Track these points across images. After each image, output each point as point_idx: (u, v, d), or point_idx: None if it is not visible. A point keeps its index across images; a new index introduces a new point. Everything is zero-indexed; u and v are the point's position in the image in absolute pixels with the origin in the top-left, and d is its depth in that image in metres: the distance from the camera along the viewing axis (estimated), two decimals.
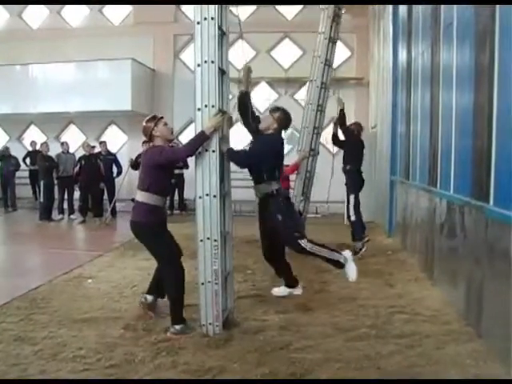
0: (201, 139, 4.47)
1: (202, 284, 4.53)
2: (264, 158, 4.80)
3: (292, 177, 8.45)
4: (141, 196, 4.69)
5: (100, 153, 12.94)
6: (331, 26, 8.27)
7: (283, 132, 5.19)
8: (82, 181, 12.37)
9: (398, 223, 9.45)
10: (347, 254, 4.61)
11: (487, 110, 4.32)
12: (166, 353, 4.09)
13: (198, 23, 4.40)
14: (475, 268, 4.58)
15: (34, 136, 15.64)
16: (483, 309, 4.37)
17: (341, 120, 8.23)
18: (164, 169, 4.72)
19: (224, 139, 4.61)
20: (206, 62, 4.38)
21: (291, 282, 5.39)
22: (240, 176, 6.62)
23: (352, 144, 8.20)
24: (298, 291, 5.31)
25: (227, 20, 4.67)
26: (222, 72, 4.59)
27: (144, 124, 4.83)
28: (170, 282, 4.72)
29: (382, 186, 11.04)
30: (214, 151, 4.46)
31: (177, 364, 3.88)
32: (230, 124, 4.82)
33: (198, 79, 4.44)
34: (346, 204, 8.21)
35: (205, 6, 4.38)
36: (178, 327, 4.56)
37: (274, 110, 5.14)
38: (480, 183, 4.51)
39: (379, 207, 11.49)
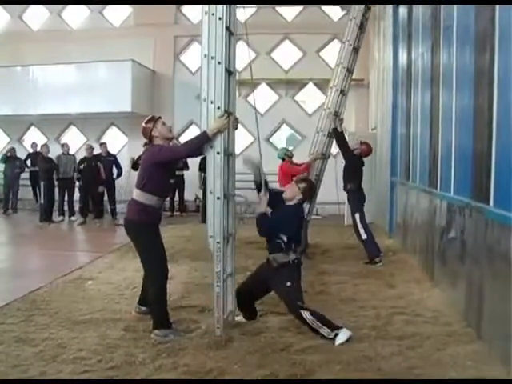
0: (202, 140, 4.47)
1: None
2: (286, 228, 4.68)
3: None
4: (136, 194, 4.68)
5: (100, 154, 12.96)
6: (357, 34, 8.27)
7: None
8: (82, 182, 12.39)
9: (398, 224, 9.46)
10: (345, 331, 4.46)
11: (487, 112, 4.33)
12: (166, 354, 4.09)
13: (206, 22, 4.39)
14: (475, 269, 4.58)
15: (35, 137, 15.66)
16: (484, 310, 4.37)
17: (343, 140, 8.17)
18: (162, 168, 4.68)
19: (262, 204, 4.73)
20: (212, 58, 4.37)
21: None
22: (241, 177, 6.61)
23: (352, 162, 8.12)
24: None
25: (235, 20, 4.67)
26: (229, 73, 4.58)
27: (143, 125, 4.83)
28: (152, 285, 4.67)
29: (382, 188, 11.05)
30: (218, 153, 4.43)
31: (177, 365, 3.87)
32: (236, 125, 4.81)
33: (204, 77, 4.43)
34: (352, 224, 8.05)
35: (212, 6, 4.36)
36: (158, 332, 4.48)
37: (301, 180, 5.00)
38: (480, 184, 4.51)
39: (380, 208, 11.50)
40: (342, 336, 4.33)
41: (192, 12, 15.43)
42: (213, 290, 4.48)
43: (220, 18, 4.37)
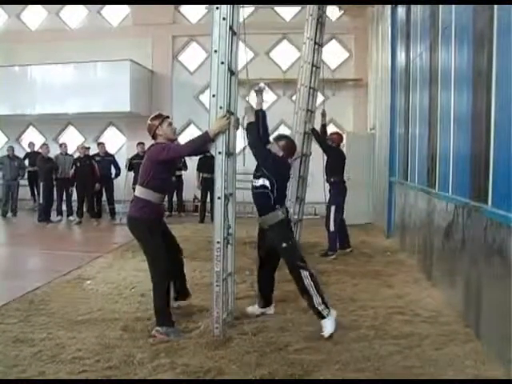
0: (203, 139, 4.52)
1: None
2: (268, 165, 4.76)
3: None
4: (138, 191, 4.71)
5: (97, 154, 12.95)
6: (317, 29, 8.29)
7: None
8: (77, 182, 12.41)
9: (396, 224, 9.46)
10: (333, 312, 4.51)
11: (485, 112, 4.33)
12: (164, 354, 4.09)
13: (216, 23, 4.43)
14: (474, 269, 4.59)
15: (33, 137, 15.62)
16: (482, 310, 4.37)
17: (322, 136, 8.30)
18: (164, 166, 4.73)
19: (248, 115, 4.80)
20: (215, 51, 4.42)
21: (266, 303, 5.25)
22: (240, 177, 6.60)
23: (334, 156, 8.26)
24: (270, 311, 5.19)
25: (238, 20, 4.71)
26: (232, 73, 4.57)
27: (149, 122, 4.84)
28: (155, 282, 4.67)
29: (380, 187, 11.06)
30: (220, 153, 4.45)
31: (176, 365, 3.87)
32: (237, 125, 4.82)
33: (213, 78, 4.45)
34: (326, 214, 8.25)
35: (217, 6, 4.39)
36: (160, 328, 4.53)
37: (279, 138, 5.05)
38: (478, 184, 4.52)
39: (378, 208, 11.51)
40: (330, 326, 4.40)
41: (190, 12, 15.43)
42: (212, 289, 4.47)
43: (224, 18, 4.38)
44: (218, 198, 4.47)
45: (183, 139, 15.32)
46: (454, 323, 4.85)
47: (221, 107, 4.45)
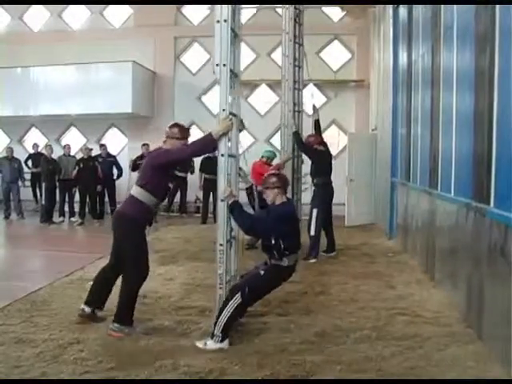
0: (206, 141, 4.53)
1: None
2: (271, 229, 4.44)
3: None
4: (135, 191, 4.72)
5: (99, 155, 12.96)
6: (294, 27, 8.32)
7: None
8: (80, 183, 12.41)
9: (398, 225, 9.45)
10: (225, 344, 4.36)
11: (487, 112, 4.33)
12: (166, 355, 4.09)
13: (218, 22, 4.41)
14: (476, 270, 4.58)
15: (35, 139, 15.63)
16: (484, 310, 4.37)
17: (317, 131, 8.30)
18: (165, 169, 4.77)
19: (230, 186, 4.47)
20: (217, 65, 4.41)
21: None
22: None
23: (316, 157, 8.22)
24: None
25: (239, 21, 4.68)
26: (234, 75, 4.57)
27: (171, 129, 4.88)
28: (128, 282, 4.70)
29: (382, 188, 11.05)
30: (222, 155, 4.45)
31: (177, 366, 3.87)
32: (243, 126, 4.81)
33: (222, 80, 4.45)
34: (308, 217, 8.11)
35: (218, 7, 4.38)
36: (118, 326, 4.59)
37: (266, 180, 4.67)
38: (481, 185, 4.52)
39: (380, 209, 11.51)
40: (211, 346, 4.23)
41: (192, 13, 15.45)
42: (215, 291, 4.47)
43: (225, 20, 4.38)
44: (222, 200, 4.46)
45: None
46: (456, 324, 4.84)
47: (223, 109, 4.45)
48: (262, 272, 4.49)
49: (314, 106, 8.72)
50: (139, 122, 15.11)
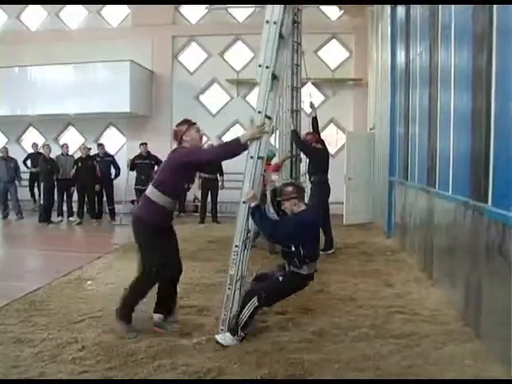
0: (233, 146, 4.43)
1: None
2: (299, 240, 4.38)
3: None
4: (150, 192, 4.62)
5: (97, 154, 12.95)
6: (292, 29, 8.30)
7: None
8: (78, 182, 12.41)
9: (396, 224, 9.47)
10: (239, 337, 4.33)
11: (485, 111, 4.34)
12: (165, 354, 4.09)
13: (267, 22, 4.37)
14: (474, 268, 4.59)
15: (33, 138, 15.63)
16: (482, 309, 4.37)
17: (315, 129, 8.31)
18: (184, 170, 4.61)
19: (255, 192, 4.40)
20: (260, 66, 4.38)
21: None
22: (237, 177, 6.59)
23: (314, 156, 8.23)
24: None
25: (286, 23, 4.58)
26: (274, 77, 4.47)
27: (175, 128, 4.76)
28: (139, 285, 4.68)
29: (380, 187, 11.06)
30: (251, 157, 4.37)
31: (176, 365, 3.88)
32: (272, 131, 4.72)
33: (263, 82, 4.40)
34: None
35: (270, 7, 4.33)
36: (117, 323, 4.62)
37: (286, 186, 4.71)
38: (478, 183, 4.52)
39: (378, 208, 11.52)
40: (227, 341, 4.28)
41: (190, 12, 15.44)
42: (215, 290, 4.47)
43: (275, 22, 4.33)
44: (244, 202, 4.39)
45: None
46: (453, 322, 4.85)
47: (259, 112, 4.37)
48: (281, 278, 4.46)
49: (311, 104, 8.72)
50: (137, 121, 15.11)
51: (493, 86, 4.18)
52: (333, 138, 14.87)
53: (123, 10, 15.68)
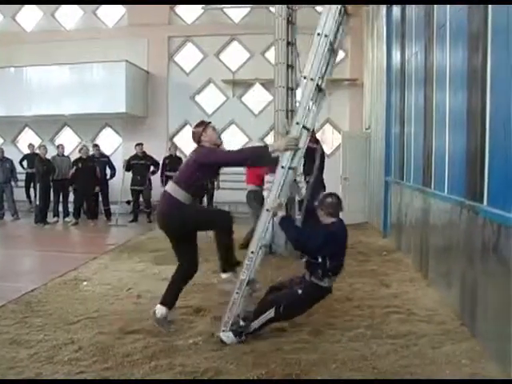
0: (259, 152, 4.53)
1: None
2: (327, 252, 4.33)
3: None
4: (172, 189, 4.68)
5: (93, 155, 12.94)
6: (287, 29, 8.28)
7: None
8: (77, 183, 12.34)
9: (392, 224, 9.48)
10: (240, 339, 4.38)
11: (480, 111, 4.35)
12: (162, 355, 4.09)
13: (318, 35, 4.34)
14: (470, 268, 4.60)
15: (29, 139, 15.59)
16: (478, 308, 4.38)
17: None
18: (207, 169, 4.72)
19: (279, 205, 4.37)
20: (305, 77, 4.33)
21: None
22: (237, 178, 6.59)
23: (308, 157, 8.19)
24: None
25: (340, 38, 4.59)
26: (320, 89, 4.45)
27: (193, 130, 4.85)
28: (179, 273, 4.85)
29: (376, 187, 11.08)
30: (282, 167, 4.34)
31: (173, 366, 3.87)
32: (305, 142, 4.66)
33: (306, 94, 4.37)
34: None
35: (323, 19, 4.33)
36: (162, 311, 4.68)
37: (326, 196, 4.57)
38: (474, 183, 4.54)
39: (374, 208, 11.53)
40: (230, 339, 4.31)
41: (186, 12, 15.42)
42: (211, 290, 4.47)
43: (326, 36, 4.30)
44: (267, 210, 4.37)
45: (179, 140, 15.38)
46: (450, 322, 4.86)
47: (297, 123, 4.35)
48: (300, 291, 4.39)
49: None
50: (133, 121, 15.08)
51: (488, 85, 4.19)
52: (329, 138, 14.88)
53: (119, 10, 15.64)
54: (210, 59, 15.11)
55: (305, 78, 4.34)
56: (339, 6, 4.34)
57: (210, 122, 4.88)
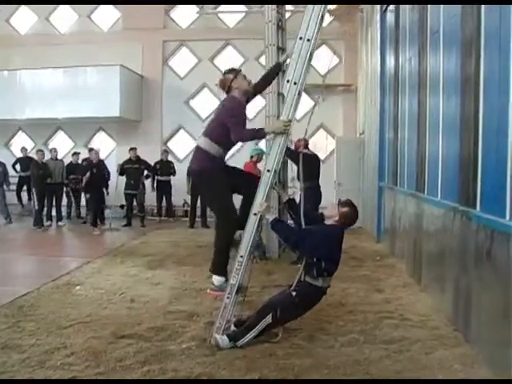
0: (257, 133, 4.59)
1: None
2: (322, 253, 4.33)
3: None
4: (202, 142, 4.70)
5: (87, 159, 12.88)
6: (278, 35, 8.30)
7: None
8: (93, 189, 11.97)
9: (386, 229, 9.50)
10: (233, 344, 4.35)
11: (473, 116, 4.37)
12: (154, 359, 4.07)
13: (301, 39, 4.41)
14: (463, 273, 4.61)
15: (22, 142, 15.54)
16: (471, 314, 4.39)
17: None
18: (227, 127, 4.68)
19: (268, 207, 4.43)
20: (288, 81, 4.42)
21: None
22: None
23: (303, 163, 8.17)
24: None
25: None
26: (299, 94, 4.49)
27: (223, 76, 4.84)
28: (220, 232, 4.75)
29: (370, 192, 11.10)
30: (268, 171, 4.40)
31: (165, 371, 3.85)
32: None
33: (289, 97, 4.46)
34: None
35: (304, 25, 4.38)
36: (218, 279, 4.66)
37: (344, 204, 4.51)
38: (467, 189, 4.55)
39: (367, 213, 11.54)
40: (224, 343, 4.28)
41: (181, 17, 15.45)
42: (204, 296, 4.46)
43: (309, 40, 4.38)
44: (254, 214, 4.40)
45: (173, 145, 15.40)
46: (443, 327, 4.86)
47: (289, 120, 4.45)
48: (294, 293, 4.36)
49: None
50: (127, 125, 15.07)
51: (481, 91, 4.22)
52: (322, 144, 14.91)
53: (114, 14, 15.67)
54: (204, 64, 15.15)
55: (288, 81, 4.42)
56: (321, 9, 4.33)
57: (240, 70, 4.90)
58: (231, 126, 4.57)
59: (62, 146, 14.99)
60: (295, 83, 4.38)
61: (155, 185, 13.52)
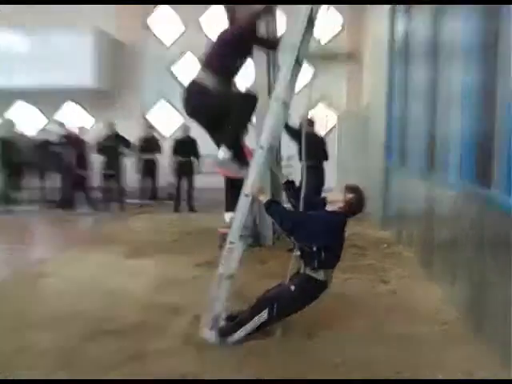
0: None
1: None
2: (322, 242, 4.34)
3: None
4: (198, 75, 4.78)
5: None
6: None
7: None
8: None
9: (392, 214, 9.53)
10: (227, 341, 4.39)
11: (492, 91, 4.36)
12: (135, 359, 4.08)
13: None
14: (478, 263, 4.63)
15: None
16: (486, 307, 4.43)
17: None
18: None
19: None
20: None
21: None
22: None
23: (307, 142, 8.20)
24: None
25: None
26: (286, 105, 4.51)
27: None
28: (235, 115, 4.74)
29: (375, 174, 11.09)
30: (261, 147, 4.39)
31: (147, 371, 3.87)
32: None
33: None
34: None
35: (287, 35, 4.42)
36: (223, 154, 4.66)
37: (351, 189, 4.49)
38: (483, 169, 4.56)
39: (372, 196, 11.54)
40: (213, 337, 4.35)
41: None
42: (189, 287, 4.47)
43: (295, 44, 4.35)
44: (246, 195, 4.39)
45: (153, 117, 15.32)
46: (454, 322, 4.90)
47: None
48: (293, 287, 4.38)
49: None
50: (104, 97, 14.90)
51: (499, 60, 4.21)
52: (323, 119, 14.89)
53: None
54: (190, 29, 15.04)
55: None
56: (308, 11, 4.31)
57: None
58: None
59: (26, 119, 14.78)
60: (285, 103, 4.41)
61: (141, 166, 13.36)
